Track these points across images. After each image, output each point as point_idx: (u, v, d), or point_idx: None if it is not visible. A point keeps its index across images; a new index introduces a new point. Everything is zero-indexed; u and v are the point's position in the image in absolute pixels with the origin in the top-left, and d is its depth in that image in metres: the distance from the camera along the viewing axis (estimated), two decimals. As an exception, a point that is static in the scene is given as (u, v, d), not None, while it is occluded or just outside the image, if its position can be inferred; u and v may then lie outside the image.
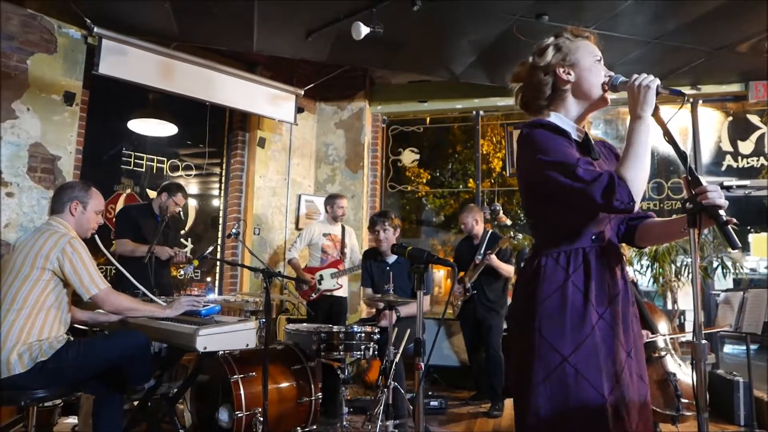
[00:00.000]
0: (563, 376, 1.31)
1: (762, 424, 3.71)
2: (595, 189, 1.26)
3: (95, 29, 4.12)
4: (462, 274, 4.38)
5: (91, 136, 4.55)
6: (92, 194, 2.65)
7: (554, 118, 1.46)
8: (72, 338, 2.54)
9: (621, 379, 1.32)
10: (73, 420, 3.45)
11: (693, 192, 1.26)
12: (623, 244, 1.59)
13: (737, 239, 1.22)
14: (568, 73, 1.45)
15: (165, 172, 5.19)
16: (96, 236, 2.78)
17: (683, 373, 3.77)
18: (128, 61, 4.29)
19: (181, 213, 5.30)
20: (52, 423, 3.28)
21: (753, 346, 3.90)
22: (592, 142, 1.50)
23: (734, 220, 1.22)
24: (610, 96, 1.47)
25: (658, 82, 1.31)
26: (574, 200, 1.32)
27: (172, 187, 4.07)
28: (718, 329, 3.89)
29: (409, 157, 6.32)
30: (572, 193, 1.30)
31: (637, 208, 1.30)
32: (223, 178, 5.62)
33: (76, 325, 2.96)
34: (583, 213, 1.40)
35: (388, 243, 3.80)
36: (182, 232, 5.26)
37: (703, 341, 1.24)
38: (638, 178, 1.27)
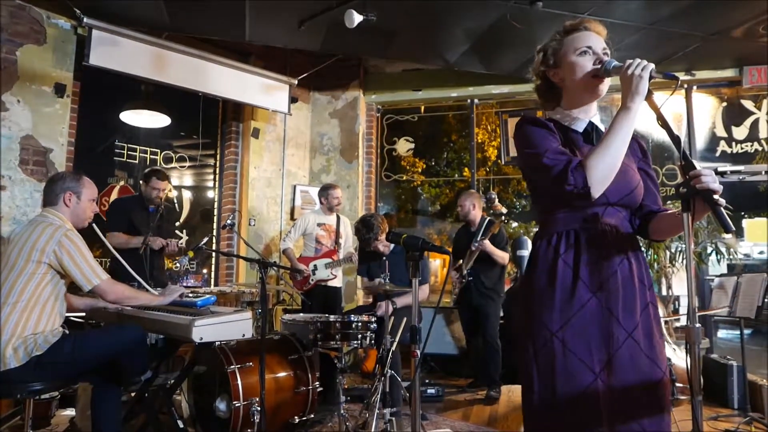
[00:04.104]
0: (552, 350, 1.35)
1: (755, 407, 3.75)
2: (552, 173, 1.36)
3: (85, 19, 4.07)
4: (460, 262, 4.39)
5: (84, 128, 4.51)
6: (84, 183, 2.63)
7: (558, 112, 1.54)
8: (68, 331, 2.53)
9: (616, 359, 1.33)
10: (70, 412, 3.45)
11: (687, 176, 1.26)
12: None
13: (731, 223, 1.22)
14: (556, 74, 1.53)
15: (159, 164, 5.16)
16: (94, 225, 2.76)
17: (678, 357, 3.81)
18: (119, 52, 4.25)
19: (176, 204, 5.28)
20: (49, 415, 3.28)
21: (747, 331, 3.92)
22: (602, 130, 1.50)
23: (723, 201, 1.22)
24: (606, 81, 1.47)
25: (651, 67, 1.31)
26: (542, 184, 1.44)
27: (147, 174, 4.03)
28: (713, 311, 3.92)
29: (404, 147, 6.30)
30: (539, 178, 1.44)
31: (599, 193, 1.33)
32: (218, 170, 5.60)
33: (72, 317, 2.95)
34: (564, 197, 1.43)
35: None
36: (177, 223, 5.24)
37: (697, 325, 1.24)
38: (598, 165, 1.32)
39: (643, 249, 1.49)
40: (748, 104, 5.30)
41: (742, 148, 5.26)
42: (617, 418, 1.31)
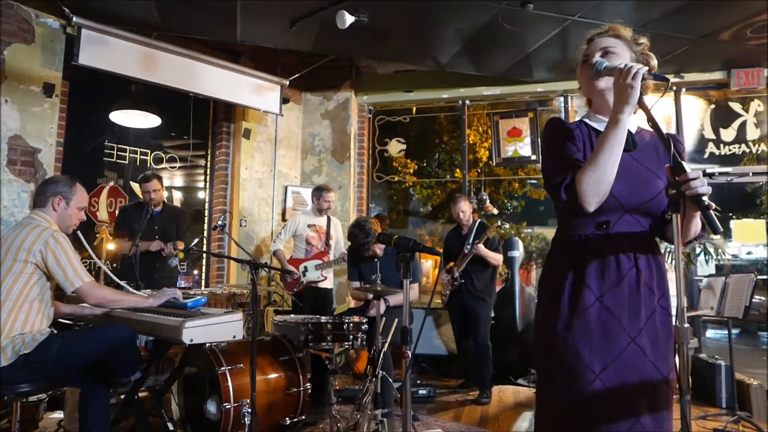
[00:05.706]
0: (557, 349, 1.40)
1: (743, 406, 3.79)
2: (548, 186, 1.45)
3: (74, 18, 4.03)
4: (451, 264, 4.40)
5: (72, 128, 4.46)
6: (76, 190, 2.63)
7: (588, 114, 1.58)
8: (56, 331, 2.51)
9: (618, 363, 1.35)
10: (58, 415, 3.42)
11: (676, 178, 1.26)
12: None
13: (719, 224, 1.23)
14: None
15: (149, 165, 5.13)
16: (78, 232, 2.76)
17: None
18: (109, 51, 4.21)
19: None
20: (37, 418, 3.25)
21: (734, 331, 3.96)
22: (631, 133, 1.48)
23: (713, 205, 1.24)
24: (599, 84, 1.48)
25: (644, 71, 1.29)
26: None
27: (141, 178, 4.14)
28: (701, 312, 3.96)
29: (395, 148, 6.30)
30: (545, 187, 1.50)
31: (595, 206, 1.35)
32: (208, 170, 5.57)
33: (60, 320, 2.93)
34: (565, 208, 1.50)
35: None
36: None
37: (686, 325, 1.25)
38: (587, 180, 1.34)
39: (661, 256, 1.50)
40: (736, 106, 5.36)
41: (730, 150, 5.31)
42: (617, 419, 1.33)
